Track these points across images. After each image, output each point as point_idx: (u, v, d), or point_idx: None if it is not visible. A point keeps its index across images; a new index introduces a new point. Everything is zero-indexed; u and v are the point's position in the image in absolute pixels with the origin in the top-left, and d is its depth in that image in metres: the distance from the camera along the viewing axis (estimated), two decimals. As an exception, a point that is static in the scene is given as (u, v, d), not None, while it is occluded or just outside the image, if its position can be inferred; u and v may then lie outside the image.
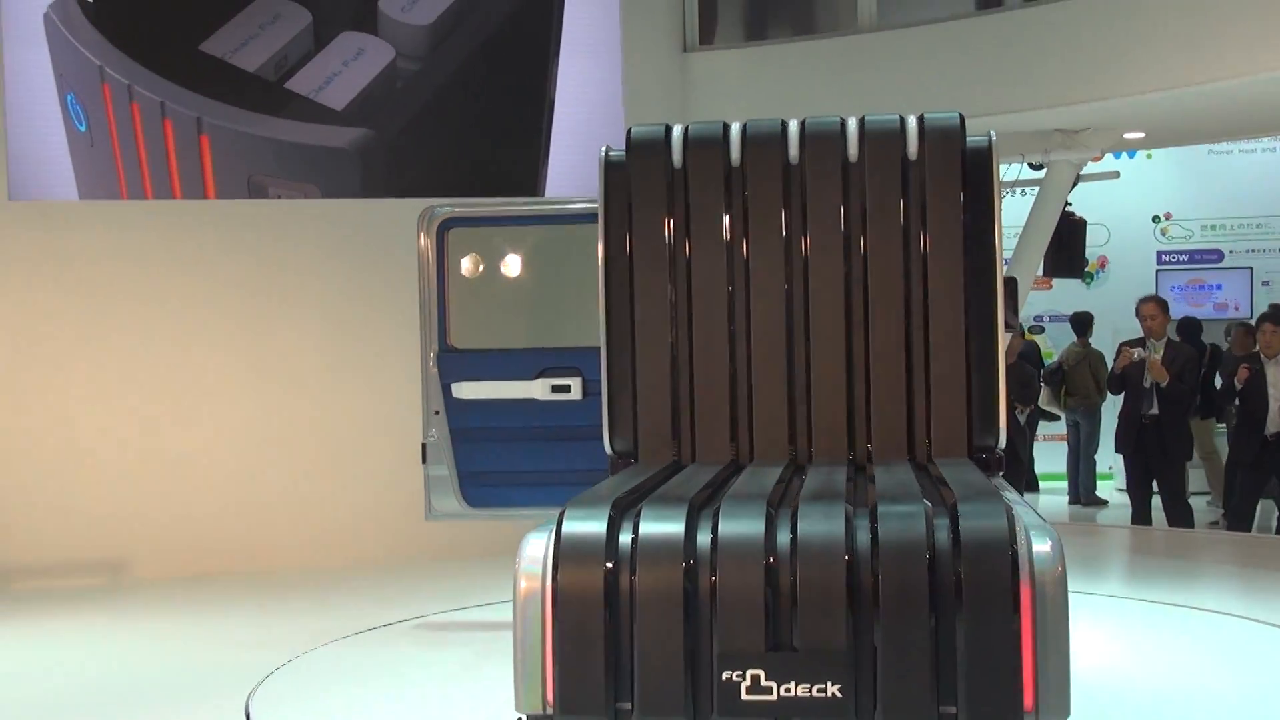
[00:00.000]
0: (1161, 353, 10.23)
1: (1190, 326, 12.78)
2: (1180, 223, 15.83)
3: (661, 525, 4.07)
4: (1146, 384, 10.16)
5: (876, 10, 10.09)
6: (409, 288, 9.61)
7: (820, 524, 3.99)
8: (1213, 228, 15.78)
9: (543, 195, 9.92)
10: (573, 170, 9.98)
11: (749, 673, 3.93)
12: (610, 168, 5.82)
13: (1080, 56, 9.27)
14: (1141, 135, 11.04)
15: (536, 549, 4.07)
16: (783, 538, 3.99)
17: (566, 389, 7.06)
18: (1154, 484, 10.61)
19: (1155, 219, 15.85)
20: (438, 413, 7.23)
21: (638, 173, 5.76)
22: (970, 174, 5.48)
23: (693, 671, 3.97)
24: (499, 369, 7.19)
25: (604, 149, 5.82)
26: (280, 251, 9.57)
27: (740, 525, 4.04)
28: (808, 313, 5.58)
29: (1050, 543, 3.94)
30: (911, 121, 5.50)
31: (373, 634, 7.17)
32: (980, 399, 5.59)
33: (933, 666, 3.85)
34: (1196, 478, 12.61)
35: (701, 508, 4.19)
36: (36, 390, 9.10)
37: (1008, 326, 6.65)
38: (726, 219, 5.69)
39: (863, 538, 3.94)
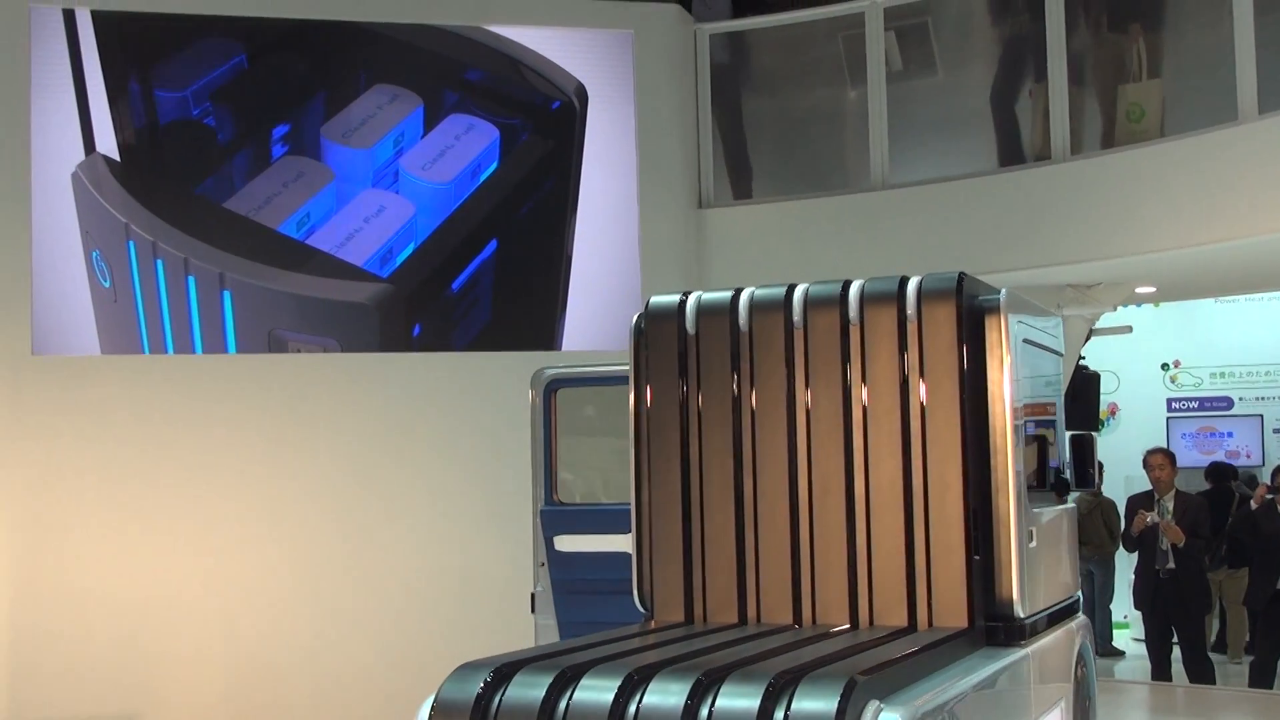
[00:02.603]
0: (1172, 506, 10.22)
1: (1221, 471, 12.82)
2: (1189, 370, 15.90)
3: (524, 691, 4.27)
4: (1163, 546, 10.13)
5: (889, 168, 10.25)
6: (426, 440, 9.70)
7: (665, 697, 4.14)
8: (1222, 375, 15.83)
9: (559, 349, 10.00)
10: (590, 324, 10.08)
11: None
12: (639, 334, 5.97)
13: (1092, 215, 9.38)
14: (1153, 289, 11.14)
15: (424, 711, 4.36)
16: (633, 708, 4.15)
17: None
18: (1174, 638, 10.52)
19: (1164, 366, 15.92)
20: (543, 565, 7.51)
21: (654, 341, 5.94)
22: (975, 332, 5.53)
23: None
24: (597, 524, 7.37)
25: (636, 317, 5.98)
26: (299, 405, 9.61)
27: (592, 694, 4.21)
28: (810, 476, 5.64)
29: None
30: (912, 283, 5.58)
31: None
32: (986, 563, 5.51)
33: None
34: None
35: (575, 676, 4.34)
36: (56, 542, 9.09)
37: (1087, 484, 6.57)
38: (735, 383, 5.82)
39: (705, 712, 4.06)
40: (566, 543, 7.43)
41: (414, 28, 9.98)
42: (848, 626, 5.45)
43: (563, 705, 4.20)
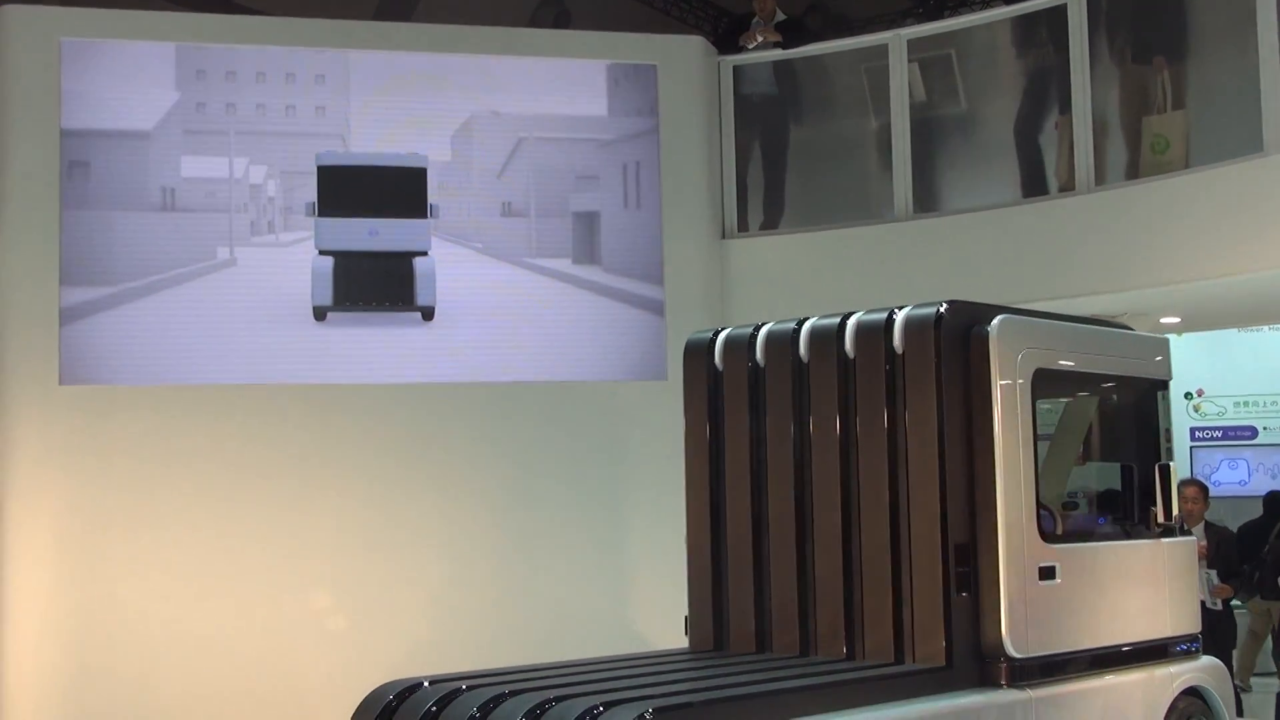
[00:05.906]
0: (1202, 540, 10.15)
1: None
2: (1212, 399, 15.82)
3: (416, 703, 4.85)
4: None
5: (912, 199, 10.25)
6: (450, 471, 9.68)
7: (515, 712, 4.58)
8: (1245, 404, 15.75)
9: (582, 379, 10.03)
10: (618, 357, 10.11)
11: None
12: (685, 371, 6.30)
13: (1116, 246, 9.37)
14: (1177, 320, 11.12)
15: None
16: None
17: None
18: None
19: (1187, 395, 15.84)
20: None
21: (690, 377, 6.13)
22: (959, 364, 5.53)
23: None
24: None
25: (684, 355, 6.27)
26: (336, 434, 9.60)
27: (460, 709, 4.72)
28: (814, 514, 5.79)
29: None
30: (899, 316, 5.63)
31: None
32: (972, 600, 5.49)
33: None
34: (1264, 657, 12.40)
35: (457, 693, 4.85)
36: (84, 574, 9.08)
37: (1165, 516, 6.43)
38: (752, 420, 6.03)
39: None
40: None
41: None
42: (844, 657, 5.54)
43: (436, 712, 4.78)
